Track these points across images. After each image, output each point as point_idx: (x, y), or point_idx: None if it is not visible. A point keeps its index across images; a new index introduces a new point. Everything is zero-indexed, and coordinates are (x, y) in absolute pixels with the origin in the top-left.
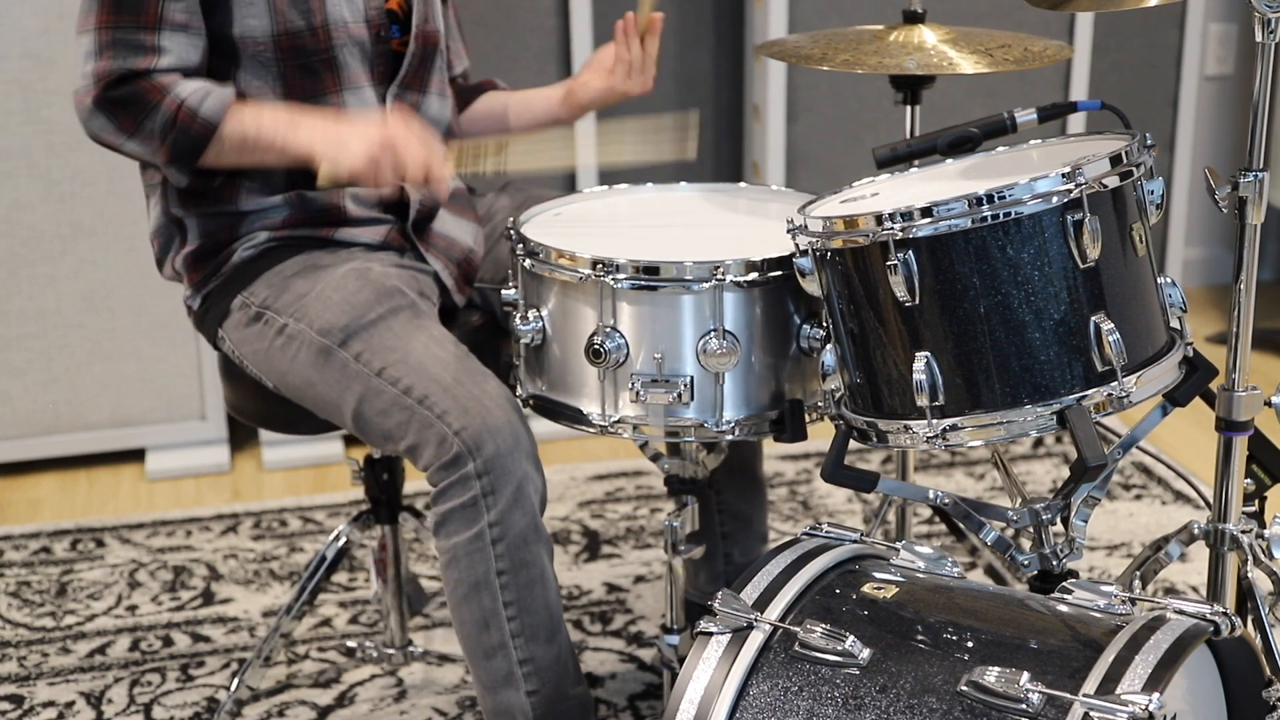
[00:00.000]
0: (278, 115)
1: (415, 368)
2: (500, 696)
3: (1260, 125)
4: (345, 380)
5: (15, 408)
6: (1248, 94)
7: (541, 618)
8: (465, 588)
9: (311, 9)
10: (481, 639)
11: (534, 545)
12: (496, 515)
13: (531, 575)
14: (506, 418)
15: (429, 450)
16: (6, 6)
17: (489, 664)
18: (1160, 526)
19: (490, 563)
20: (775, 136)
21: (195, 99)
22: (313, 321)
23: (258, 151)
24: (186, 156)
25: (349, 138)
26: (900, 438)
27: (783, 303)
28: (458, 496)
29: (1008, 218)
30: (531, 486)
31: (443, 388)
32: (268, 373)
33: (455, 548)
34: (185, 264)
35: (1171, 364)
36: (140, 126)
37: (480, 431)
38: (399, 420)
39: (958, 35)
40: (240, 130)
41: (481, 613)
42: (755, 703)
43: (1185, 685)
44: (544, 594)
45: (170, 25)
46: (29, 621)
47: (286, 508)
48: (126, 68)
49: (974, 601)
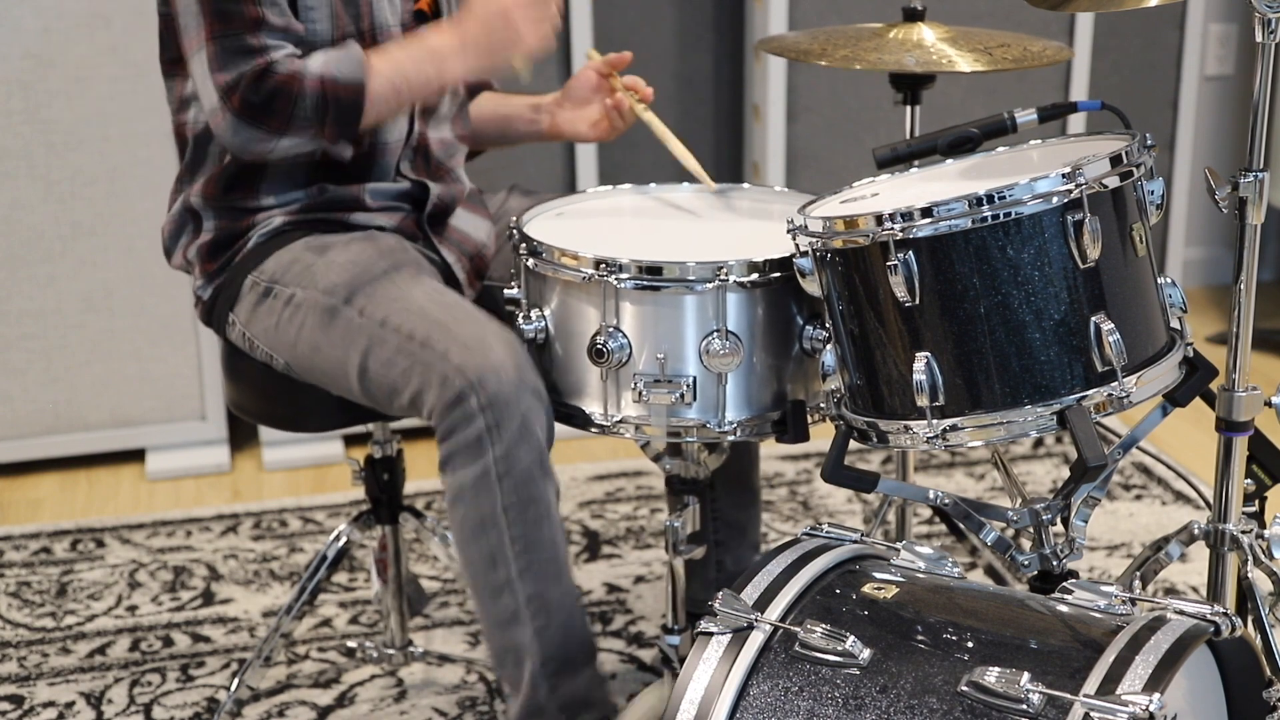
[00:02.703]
0: (414, 53)
1: (417, 313)
2: (507, 633)
3: (1260, 125)
4: (350, 336)
5: (15, 408)
6: (1248, 94)
7: (548, 554)
8: (472, 524)
9: (361, 13)
10: (489, 576)
11: (540, 481)
12: (502, 450)
13: (539, 511)
14: (509, 354)
15: (432, 392)
16: (6, 6)
17: (496, 602)
18: (1160, 526)
19: (496, 498)
20: (775, 136)
21: (331, 68)
22: (318, 284)
23: (413, 97)
24: (348, 127)
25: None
26: (900, 438)
27: (785, 303)
28: (462, 433)
29: (1008, 218)
30: (537, 422)
31: (444, 328)
32: (278, 347)
33: (461, 485)
34: (199, 255)
35: (1171, 364)
36: (292, 120)
37: (482, 367)
38: (403, 367)
39: (957, 34)
40: (389, 85)
41: (489, 549)
42: (755, 703)
43: (1185, 685)
44: (550, 531)
45: (269, 27)
46: (29, 621)
47: (286, 508)
48: (247, 69)
49: (974, 602)
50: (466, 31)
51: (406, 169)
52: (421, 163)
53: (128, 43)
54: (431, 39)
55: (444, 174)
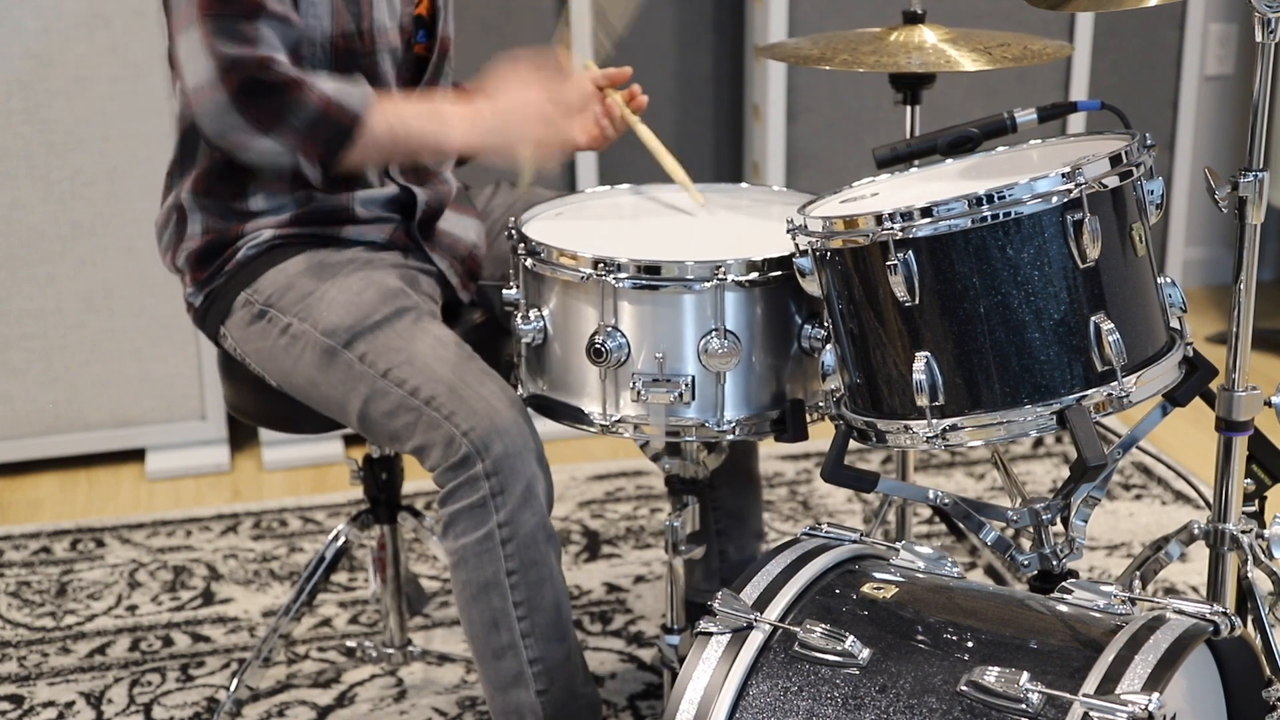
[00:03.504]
0: (421, 112)
1: (421, 369)
2: (510, 696)
3: (1260, 125)
4: (350, 381)
5: (15, 408)
6: (1248, 94)
7: (551, 617)
8: (474, 588)
9: (361, 12)
10: (491, 639)
11: (543, 545)
12: (506, 515)
13: (541, 575)
14: (514, 418)
15: (437, 451)
16: (6, 6)
17: (498, 664)
18: (1160, 526)
19: (500, 563)
20: (775, 136)
21: (339, 94)
22: (317, 322)
23: (405, 153)
24: (333, 154)
25: (508, 135)
26: (900, 438)
27: (784, 303)
28: (466, 497)
29: (1008, 218)
30: (540, 486)
31: (449, 389)
32: (271, 371)
33: (464, 548)
34: (188, 262)
35: (1171, 364)
36: (282, 122)
37: (489, 432)
38: (406, 421)
39: (957, 35)
40: (386, 129)
41: (491, 613)
42: (755, 703)
43: (1185, 685)
44: (553, 593)
45: (267, 15)
46: (29, 621)
47: (286, 508)
48: (250, 54)
49: (974, 601)
50: (482, 109)
51: (395, 173)
52: (410, 167)
53: (128, 43)
54: (445, 104)
55: (431, 176)
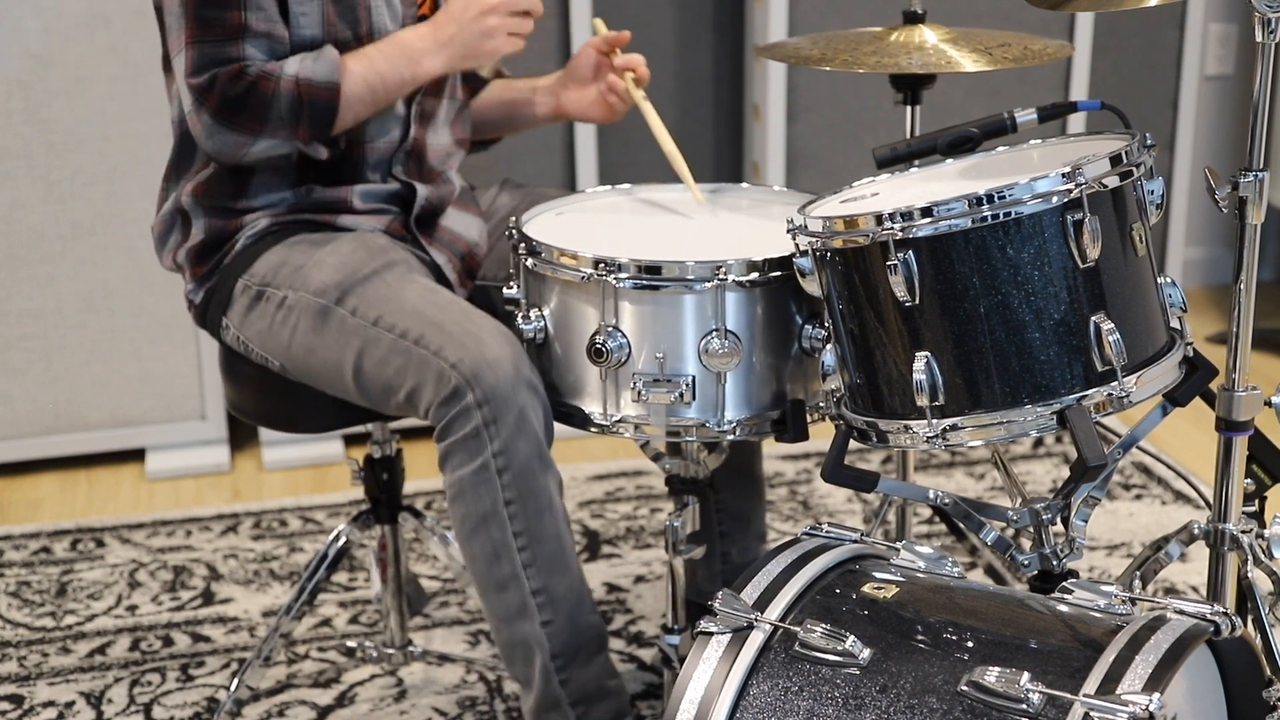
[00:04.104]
0: (389, 52)
1: (410, 312)
2: (515, 628)
3: (1260, 125)
4: (344, 336)
5: (15, 408)
6: (1248, 94)
7: (553, 547)
8: (473, 520)
9: (358, 19)
10: (493, 571)
11: (540, 474)
12: (500, 444)
13: (540, 504)
14: (503, 349)
15: (428, 389)
16: (6, 6)
17: (502, 596)
18: (1160, 526)
19: (497, 493)
20: (775, 136)
21: (306, 69)
22: (309, 286)
23: (388, 96)
24: (323, 128)
25: (467, 40)
26: (900, 438)
27: (784, 303)
28: (460, 429)
29: (1008, 218)
30: (534, 414)
31: (438, 326)
32: (272, 350)
33: (461, 480)
34: (189, 258)
35: (1171, 364)
36: (266, 120)
37: (478, 362)
38: (397, 366)
39: (958, 35)
40: (364, 84)
41: (492, 544)
42: (755, 703)
43: (1185, 685)
44: (554, 523)
45: (252, 34)
46: (29, 621)
47: (286, 508)
48: (221, 72)
49: (974, 601)
50: (442, 31)
51: (399, 171)
52: (414, 166)
53: (128, 43)
54: (406, 37)
55: (435, 177)
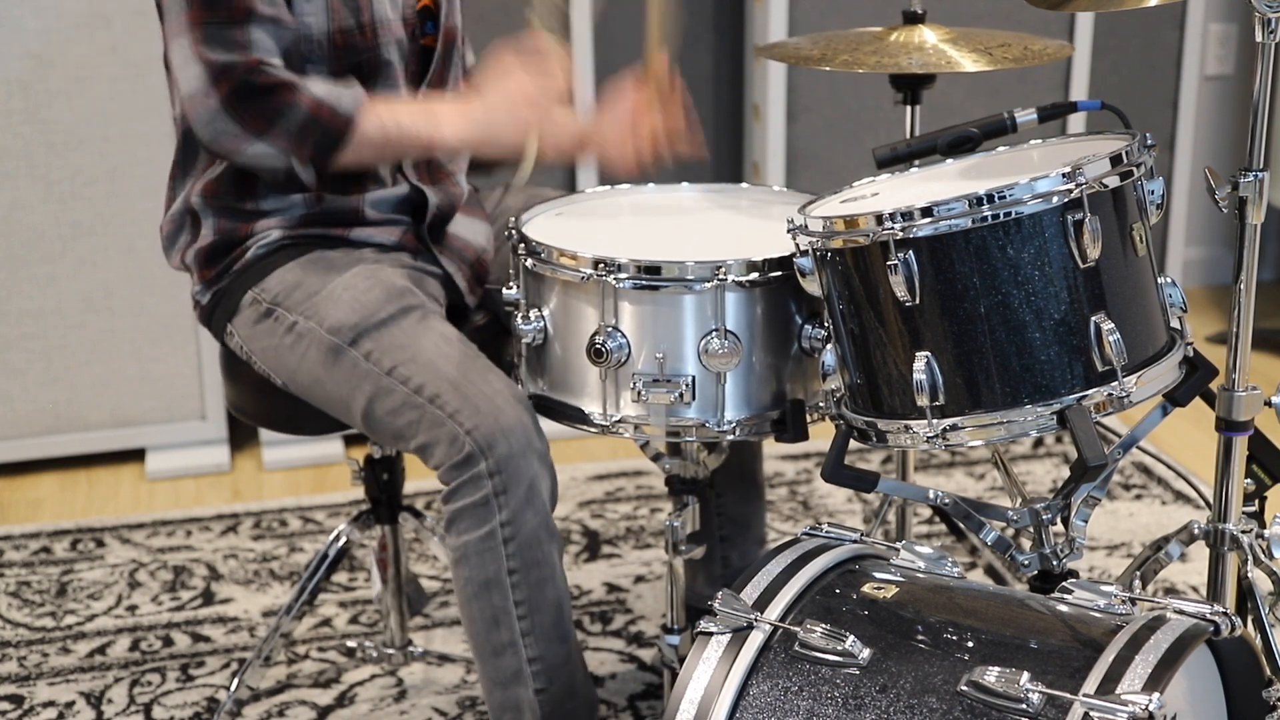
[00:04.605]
0: (414, 110)
1: (426, 366)
2: (508, 693)
3: (1260, 125)
4: (355, 379)
5: (15, 408)
6: (1248, 94)
7: (552, 617)
8: (475, 586)
9: (360, 7)
10: (491, 637)
11: (546, 544)
12: (509, 514)
13: (543, 574)
14: (518, 417)
15: (441, 449)
16: (6, 6)
17: (498, 661)
18: (1160, 526)
19: (501, 561)
20: (775, 136)
21: (331, 96)
22: (323, 320)
23: (399, 152)
24: (326, 156)
25: (497, 126)
26: (900, 438)
27: (784, 303)
28: (469, 495)
29: (1008, 217)
30: (543, 486)
31: (454, 387)
32: (277, 369)
33: (466, 546)
34: (197, 260)
35: (1172, 364)
36: (273, 126)
37: (493, 430)
38: (410, 419)
39: (958, 35)
40: (379, 129)
41: (492, 610)
42: (755, 703)
43: (1185, 685)
44: (555, 593)
45: (257, 19)
46: (29, 621)
47: (286, 508)
48: (240, 59)
49: (974, 601)
50: (472, 102)
51: (409, 171)
52: (424, 165)
53: (128, 43)
54: (437, 102)
55: (444, 177)
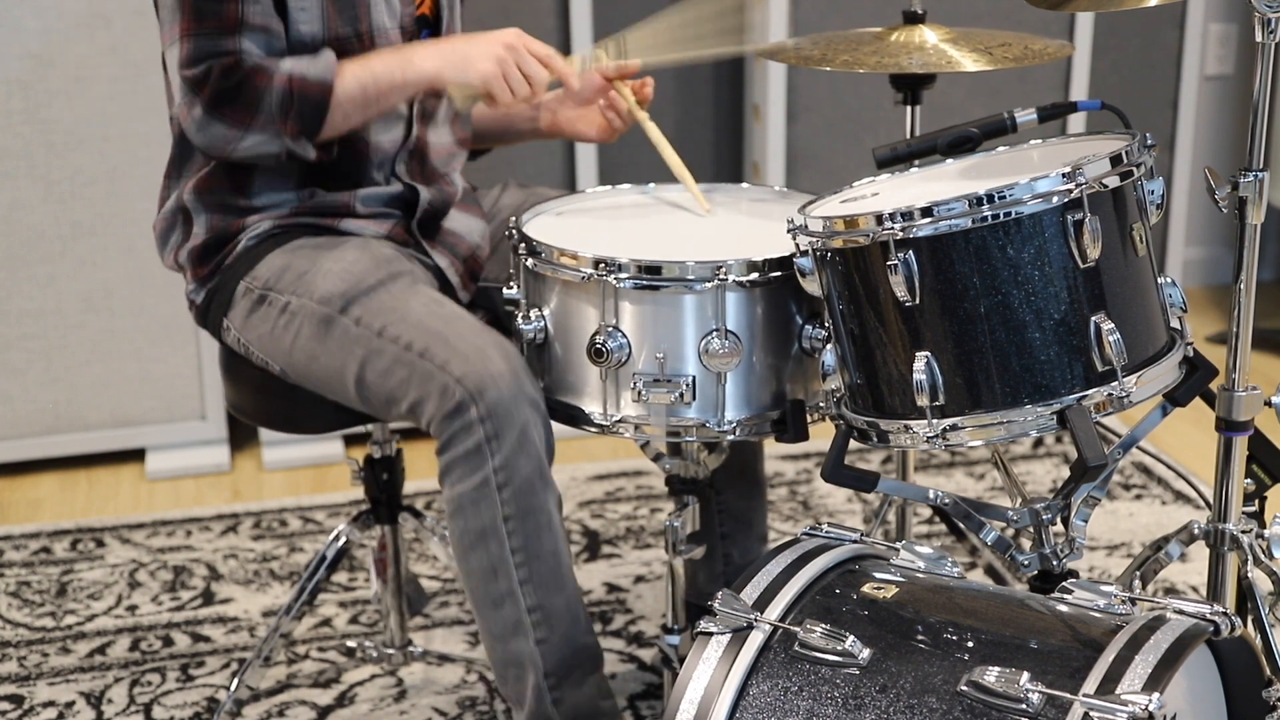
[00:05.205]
0: (386, 56)
1: (415, 324)
2: (509, 645)
3: (1260, 125)
4: (347, 345)
5: (15, 408)
6: (1248, 94)
7: (550, 565)
8: (471, 535)
9: (357, 15)
10: (489, 587)
11: (540, 492)
12: (501, 461)
13: (539, 521)
14: (507, 364)
15: (432, 402)
16: (6, 6)
17: (497, 613)
18: (1160, 526)
19: (496, 509)
20: (775, 136)
21: (300, 67)
22: (313, 293)
23: (381, 98)
24: (311, 125)
25: (469, 53)
26: (900, 438)
27: (785, 303)
28: (462, 443)
29: (1008, 217)
30: (536, 433)
31: (443, 339)
32: (273, 354)
33: (460, 495)
34: (190, 259)
35: (1172, 364)
36: (257, 114)
37: (482, 377)
38: (401, 377)
39: (958, 35)
40: (356, 83)
41: (489, 560)
42: (755, 703)
43: (1185, 685)
44: (552, 541)
45: (249, 27)
46: (29, 621)
47: (286, 508)
48: (215, 64)
49: (974, 601)
50: (446, 41)
51: (401, 171)
52: (417, 166)
53: (128, 43)
54: (419, 44)
55: (438, 178)
